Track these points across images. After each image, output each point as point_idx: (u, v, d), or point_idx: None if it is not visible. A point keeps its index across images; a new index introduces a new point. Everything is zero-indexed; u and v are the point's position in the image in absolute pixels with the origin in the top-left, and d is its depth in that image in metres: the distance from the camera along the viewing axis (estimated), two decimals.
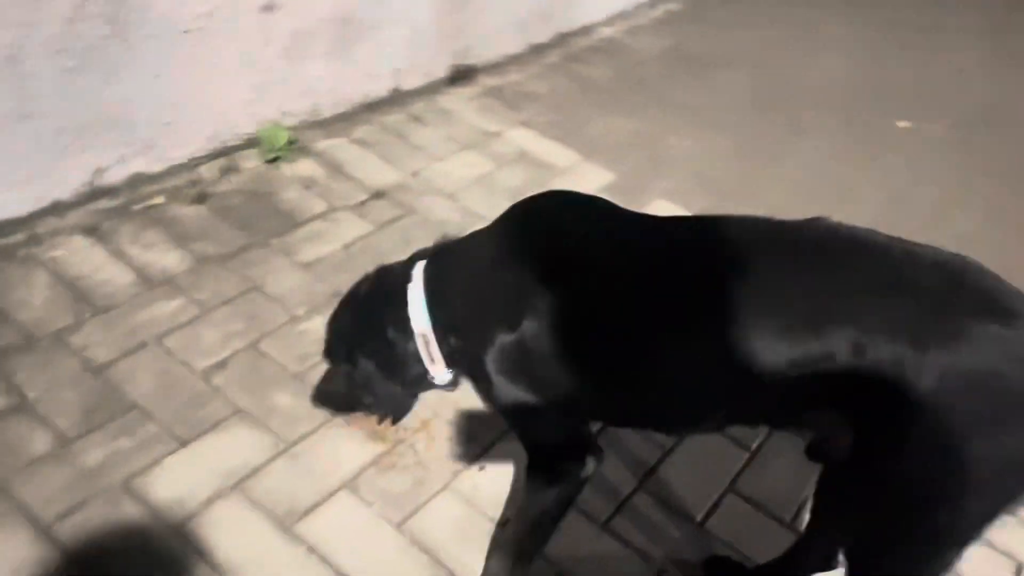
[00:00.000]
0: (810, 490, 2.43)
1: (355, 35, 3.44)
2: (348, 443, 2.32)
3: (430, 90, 3.95)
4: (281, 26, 3.12)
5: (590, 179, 3.61)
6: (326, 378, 2.17)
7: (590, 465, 1.79)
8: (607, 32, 4.94)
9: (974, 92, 5.08)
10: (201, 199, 2.99)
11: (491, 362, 1.75)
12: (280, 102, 3.31)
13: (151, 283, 2.65)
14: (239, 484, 2.14)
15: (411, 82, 3.85)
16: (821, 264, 1.46)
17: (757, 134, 4.21)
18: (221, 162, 3.16)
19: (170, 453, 2.18)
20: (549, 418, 1.77)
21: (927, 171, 4.21)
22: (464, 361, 1.88)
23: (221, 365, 2.45)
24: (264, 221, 2.99)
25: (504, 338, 1.71)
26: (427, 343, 1.87)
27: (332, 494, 2.18)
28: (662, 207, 3.46)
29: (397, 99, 3.80)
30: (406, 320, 1.87)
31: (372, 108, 3.71)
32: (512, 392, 1.76)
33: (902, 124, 4.62)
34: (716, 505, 2.33)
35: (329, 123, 3.55)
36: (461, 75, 4.07)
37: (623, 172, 3.70)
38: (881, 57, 5.31)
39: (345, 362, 2.00)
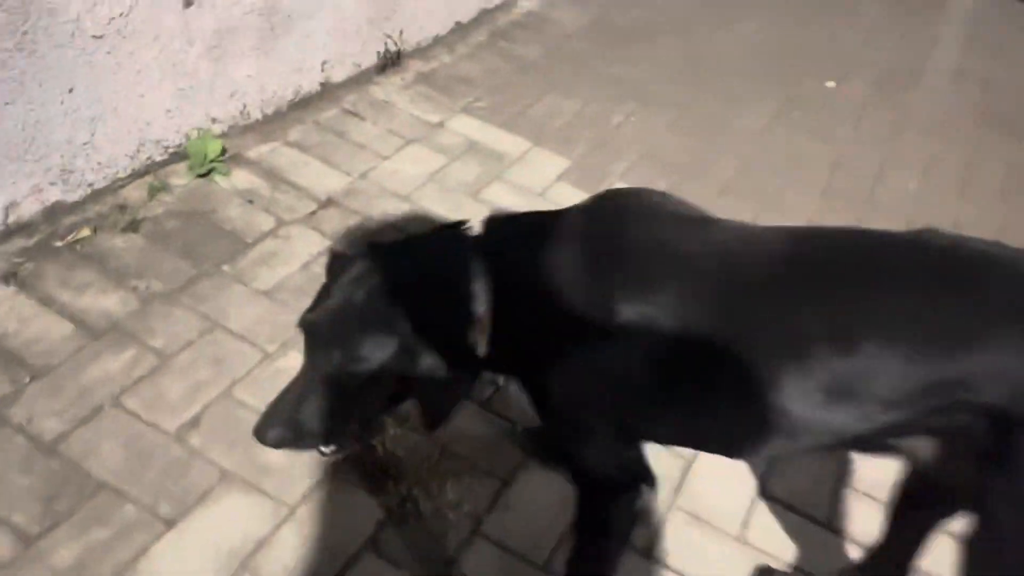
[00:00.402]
0: (833, 481, 2.39)
1: (281, 27, 3.11)
2: (355, 497, 2.08)
3: (360, 80, 3.64)
4: (203, 23, 2.76)
5: (545, 167, 3.43)
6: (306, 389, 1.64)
7: (644, 493, 1.64)
8: (527, 5, 4.71)
9: (886, 52, 5.16)
10: (133, 227, 2.63)
11: (559, 374, 1.56)
12: (207, 107, 2.95)
13: (94, 333, 2.30)
14: (247, 563, 1.88)
15: (340, 73, 3.53)
16: (949, 282, 1.33)
17: (695, 106, 4.12)
18: (148, 181, 2.79)
19: (156, 538, 1.89)
20: (607, 441, 1.61)
21: (864, 131, 4.23)
22: (517, 364, 1.66)
23: (194, 422, 2.15)
24: (209, 245, 2.66)
25: (582, 350, 1.52)
26: (480, 331, 1.61)
27: (356, 558, 1.94)
28: None
29: (328, 93, 3.49)
30: (469, 297, 1.58)
31: (303, 105, 3.38)
32: (575, 410, 1.58)
33: (830, 84, 4.62)
34: (750, 513, 2.23)
35: (260, 126, 3.21)
36: (390, 62, 3.78)
37: (576, 157, 3.53)
38: (795, 21, 5.31)
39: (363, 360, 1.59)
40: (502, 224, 1.71)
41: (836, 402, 1.38)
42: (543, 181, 3.34)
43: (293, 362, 2.28)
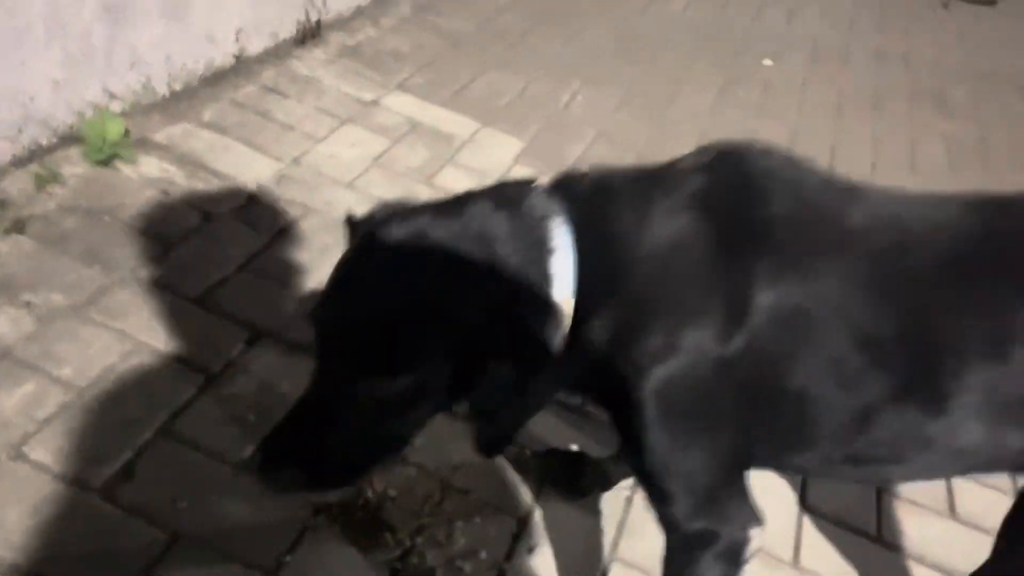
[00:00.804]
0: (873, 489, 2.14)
1: None
2: (346, 554, 1.65)
3: (279, 54, 3.16)
4: None
5: (498, 148, 3.06)
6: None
7: (756, 537, 1.30)
8: None
9: (812, 29, 5.07)
10: (18, 227, 2.08)
11: (660, 381, 1.19)
12: (103, 78, 2.42)
13: None
14: None
15: (256, 45, 3.05)
16: None
17: (639, 85, 3.85)
18: (34, 170, 2.24)
19: None
20: (719, 463, 1.26)
21: (809, 109, 4.08)
22: (604, 360, 1.25)
23: (126, 473, 1.66)
24: (119, 248, 2.15)
25: (702, 345, 1.17)
26: (560, 324, 1.22)
27: None
28: None
29: (243, 68, 2.99)
30: (545, 281, 1.20)
31: (216, 81, 2.88)
32: (682, 423, 1.22)
33: (767, 63, 4.46)
34: (799, 533, 1.94)
35: (168, 104, 2.69)
36: (310, 33, 3.31)
37: (530, 138, 3.18)
38: (719, 1, 5.15)
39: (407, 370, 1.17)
40: (585, 186, 1.30)
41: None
42: (500, 164, 2.97)
43: (242, 388, 1.84)
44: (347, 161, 2.74)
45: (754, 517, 1.29)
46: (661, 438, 1.23)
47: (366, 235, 1.24)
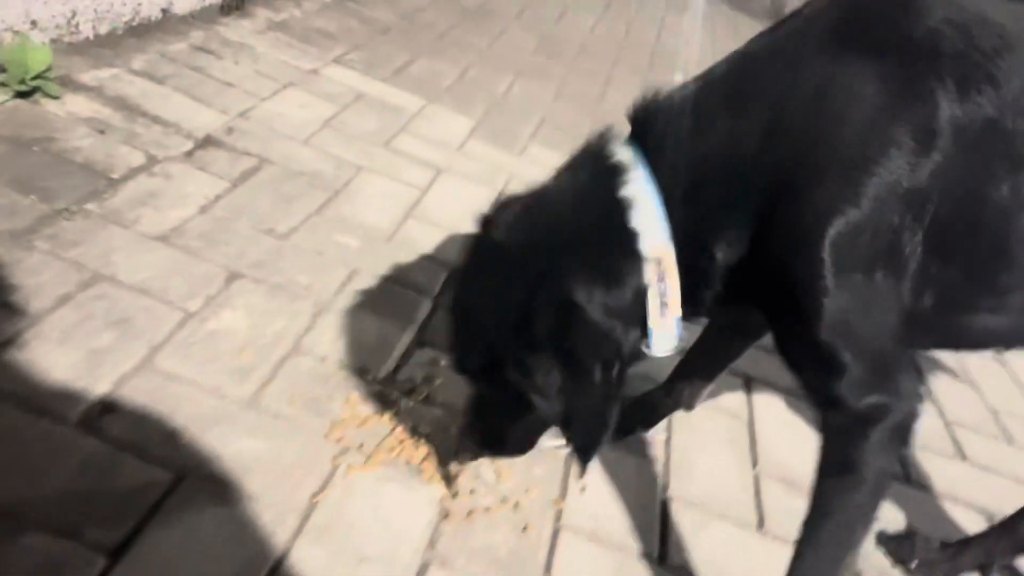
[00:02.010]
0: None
1: None
2: (388, 490, 1.40)
3: (205, 18, 2.88)
4: None
5: (450, 123, 2.89)
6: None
7: (918, 414, 1.18)
8: None
9: (709, 48, 5.26)
10: None
11: (838, 234, 1.07)
12: (27, 2, 2.08)
13: None
14: None
15: (184, 5, 2.76)
16: None
17: (569, 81, 3.80)
18: None
19: None
20: (898, 330, 1.14)
21: None
22: (747, 274, 1.16)
23: (107, 406, 1.35)
24: (57, 178, 1.81)
25: (885, 183, 1.05)
26: (663, 275, 1.14)
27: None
28: (541, 153, 2.88)
29: (170, 25, 2.70)
30: (626, 245, 1.15)
31: (142, 33, 2.57)
32: (858, 291, 1.09)
33: (678, 77, 4.55)
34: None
35: (93, 48, 2.36)
36: (234, 5, 3.05)
37: (478, 117, 3.03)
38: (619, 18, 5.25)
39: (484, 377, 1.28)
40: (669, 104, 1.22)
41: None
42: (455, 137, 2.80)
43: (228, 324, 1.58)
44: (298, 121, 2.50)
45: (921, 392, 1.17)
46: (840, 299, 1.08)
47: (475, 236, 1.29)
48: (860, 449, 1.14)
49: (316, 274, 1.86)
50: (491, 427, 1.36)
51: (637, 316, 1.17)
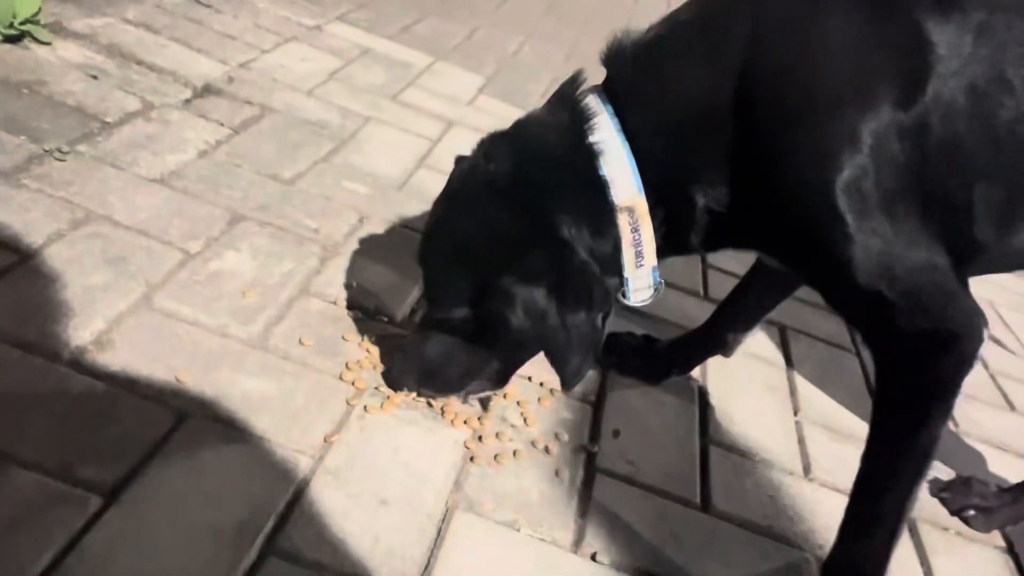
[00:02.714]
0: None
1: None
2: (408, 432, 1.29)
3: None
4: None
5: (459, 80, 2.78)
6: (412, 346, 1.34)
7: (982, 337, 1.07)
8: None
9: None
10: None
11: (848, 181, 0.99)
12: None
13: None
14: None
15: None
16: None
17: (580, 44, 3.69)
18: None
19: (88, 525, 0.98)
20: (940, 255, 1.04)
21: None
22: (739, 222, 1.12)
23: (103, 341, 1.24)
24: (47, 120, 1.70)
25: (882, 123, 0.96)
26: (636, 224, 1.13)
27: (446, 522, 1.16)
28: None
29: None
30: (596, 193, 1.14)
31: None
32: (887, 229, 1.01)
33: None
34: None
35: None
36: None
37: (487, 76, 2.92)
38: None
39: (465, 304, 1.23)
40: (629, 53, 1.17)
41: None
42: (465, 93, 2.68)
43: (231, 264, 1.48)
44: (301, 73, 2.39)
45: (982, 314, 1.06)
46: (870, 242, 1.01)
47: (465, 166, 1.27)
48: (926, 379, 1.04)
49: (324, 218, 1.75)
50: (429, 365, 1.30)
51: (615, 265, 1.16)
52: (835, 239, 1.01)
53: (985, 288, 2.39)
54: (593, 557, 1.19)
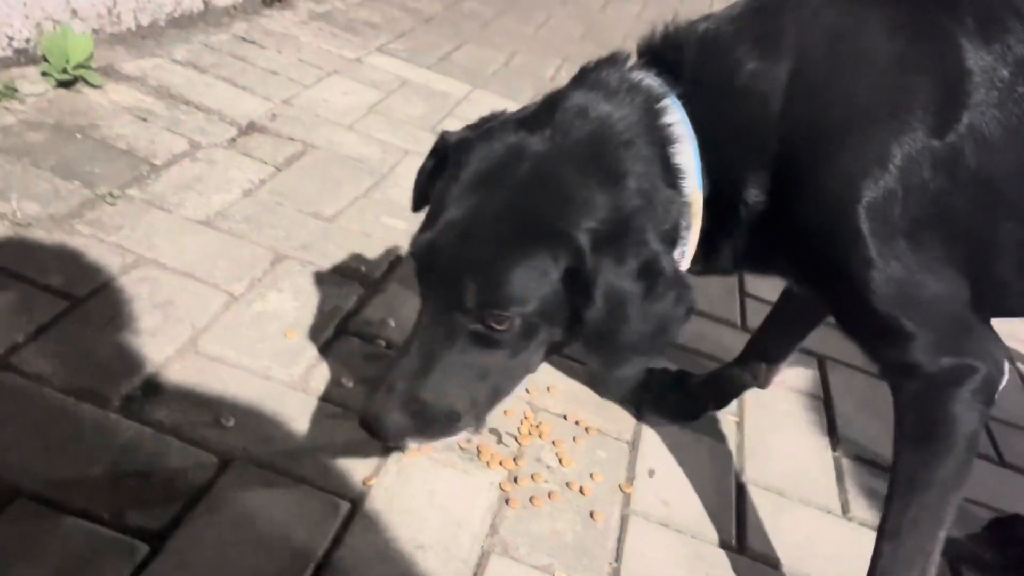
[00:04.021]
0: None
1: None
2: (444, 475, 1.31)
3: (247, 9, 2.85)
4: None
5: (497, 108, 2.80)
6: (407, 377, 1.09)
7: (1007, 372, 1.07)
8: None
9: None
10: None
11: (874, 203, 0.99)
12: None
13: None
14: None
15: None
16: None
17: None
18: None
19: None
20: (962, 289, 1.05)
21: None
22: (768, 239, 1.10)
23: (150, 388, 1.28)
24: (99, 164, 1.77)
25: (914, 147, 0.96)
26: (690, 221, 1.09)
27: (481, 566, 1.18)
28: None
29: (212, 16, 2.67)
30: (671, 182, 1.06)
31: (184, 24, 2.54)
32: (909, 257, 1.00)
33: None
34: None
35: (134, 39, 2.33)
36: None
37: (524, 102, 2.94)
38: (662, 3, 5.13)
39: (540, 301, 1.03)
40: (690, 45, 1.12)
41: None
42: None
43: (274, 305, 1.51)
44: (342, 107, 2.44)
45: (1004, 349, 1.06)
46: (891, 269, 1.00)
47: (456, 154, 1.11)
48: (945, 413, 1.03)
49: (364, 255, 1.78)
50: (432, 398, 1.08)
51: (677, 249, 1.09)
52: (856, 261, 1.01)
53: None
54: None
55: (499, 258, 1.01)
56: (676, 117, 1.06)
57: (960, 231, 1.02)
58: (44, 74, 1.99)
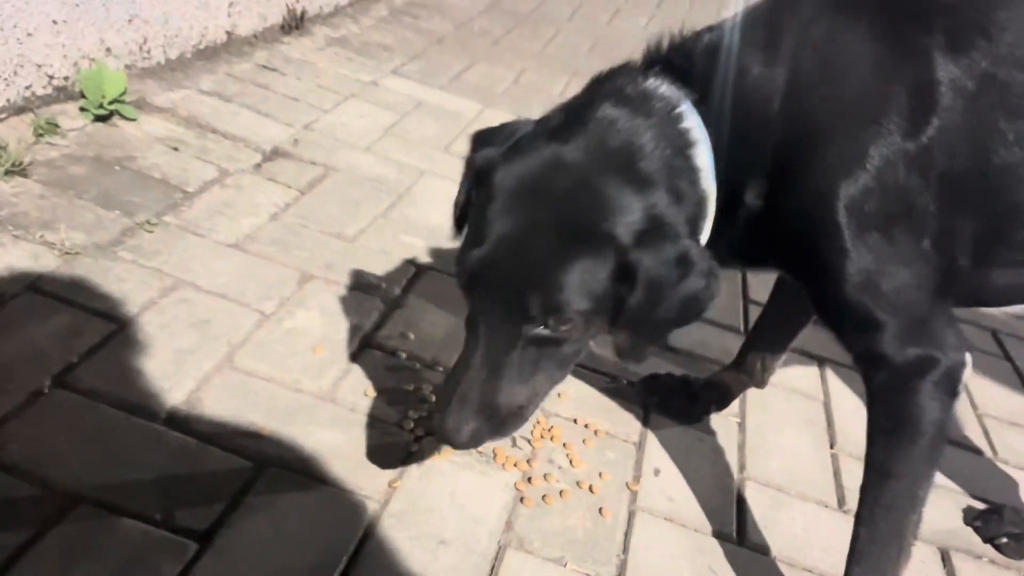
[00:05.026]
0: None
1: None
2: (464, 476, 1.43)
3: (267, 38, 2.99)
4: None
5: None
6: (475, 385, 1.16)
7: (969, 363, 1.16)
8: None
9: None
10: (20, 170, 1.82)
11: (852, 197, 1.09)
12: (101, 30, 2.19)
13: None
14: None
15: (247, 26, 2.86)
16: None
17: None
18: (31, 120, 1.99)
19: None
20: (929, 282, 1.14)
21: None
22: (762, 232, 1.20)
23: (193, 401, 1.40)
24: (137, 194, 1.90)
25: (889, 148, 1.06)
26: (705, 215, 1.19)
27: (498, 559, 1.29)
28: None
29: (235, 46, 2.80)
30: (692, 182, 1.16)
31: (210, 55, 2.68)
32: (880, 249, 1.10)
33: None
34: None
35: (164, 72, 2.47)
36: (295, 23, 3.15)
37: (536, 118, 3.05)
38: (671, 16, 5.23)
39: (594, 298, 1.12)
40: (697, 54, 1.22)
41: None
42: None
43: (303, 322, 1.63)
44: (359, 129, 2.56)
45: (966, 342, 1.15)
46: (863, 259, 1.10)
47: (491, 173, 1.15)
48: (911, 403, 1.13)
49: (384, 273, 1.90)
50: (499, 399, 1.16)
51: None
52: (833, 251, 1.10)
53: None
54: None
55: (556, 267, 1.08)
56: (693, 122, 1.16)
57: (927, 226, 1.11)
58: (83, 109, 2.12)
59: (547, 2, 4.70)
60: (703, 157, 1.15)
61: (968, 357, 1.14)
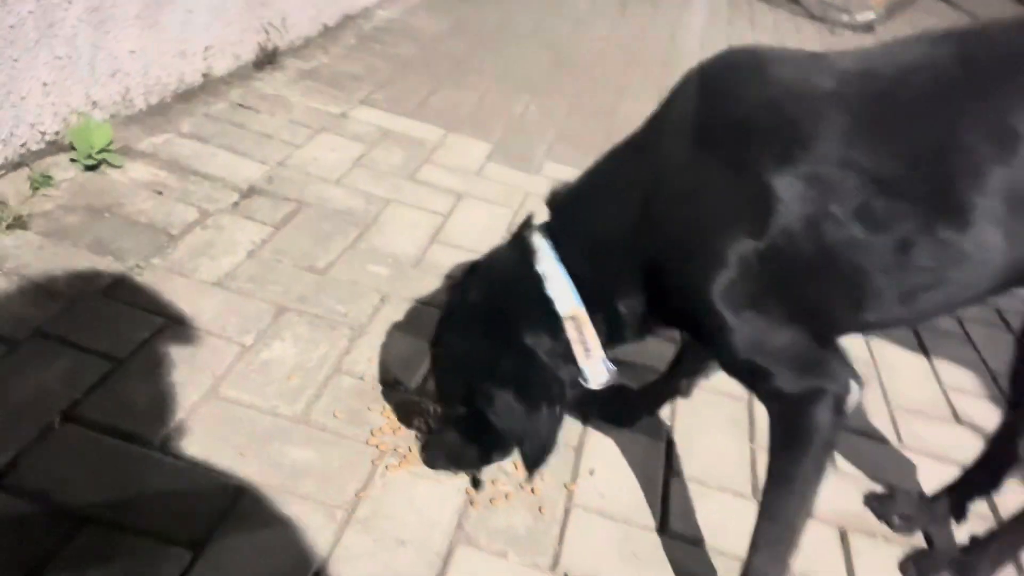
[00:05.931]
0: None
1: None
2: (421, 485, 1.65)
3: (241, 75, 3.19)
4: None
5: (469, 150, 3.14)
6: (440, 437, 1.69)
7: (855, 390, 1.38)
8: (385, 14, 4.44)
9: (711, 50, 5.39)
10: (21, 224, 2.03)
11: (722, 290, 1.30)
12: (87, 86, 2.40)
13: (8, 343, 1.70)
14: None
15: (222, 66, 3.07)
16: None
17: (584, 95, 4.02)
18: (27, 174, 2.19)
19: None
20: (805, 334, 1.36)
21: None
22: (658, 315, 1.49)
23: (182, 429, 1.62)
24: (126, 240, 2.11)
25: (743, 250, 1.28)
26: (579, 328, 1.48)
27: (450, 555, 1.51)
28: (554, 169, 3.10)
29: (211, 87, 3.01)
30: (546, 308, 1.48)
31: (188, 98, 2.88)
32: (756, 321, 1.32)
33: None
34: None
35: (146, 118, 2.67)
36: (268, 59, 3.35)
37: (496, 141, 3.28)
38: (633, 25, 5.44)
39: (463, 405, 1.56)
40: (562, 193, 1.58)
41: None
42: (474, 162, 3.05)
43: (278, 353, 1.85)
44: (330, 163, 2.78)
45: (852, 373, 1.37)
46: (744, 330, 1.33)
47: (453, 298, 1.64)
48: (803, 427, 1.34)
49: (352, 302, 2.12)
50: (452, 446, 1.63)
51: (571, 359, 1.49)
52: (718, 329, 1.33)
53: None
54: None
55: (442, 379, 1.65)
56: (546, 262, 1.48)
57: (792, 295, 1.32)
58: (73, 160, 2.33)
59: (509, 17, 4.91)
60: (556, 288, 1.46)
61: (854, 385, 1.36)
